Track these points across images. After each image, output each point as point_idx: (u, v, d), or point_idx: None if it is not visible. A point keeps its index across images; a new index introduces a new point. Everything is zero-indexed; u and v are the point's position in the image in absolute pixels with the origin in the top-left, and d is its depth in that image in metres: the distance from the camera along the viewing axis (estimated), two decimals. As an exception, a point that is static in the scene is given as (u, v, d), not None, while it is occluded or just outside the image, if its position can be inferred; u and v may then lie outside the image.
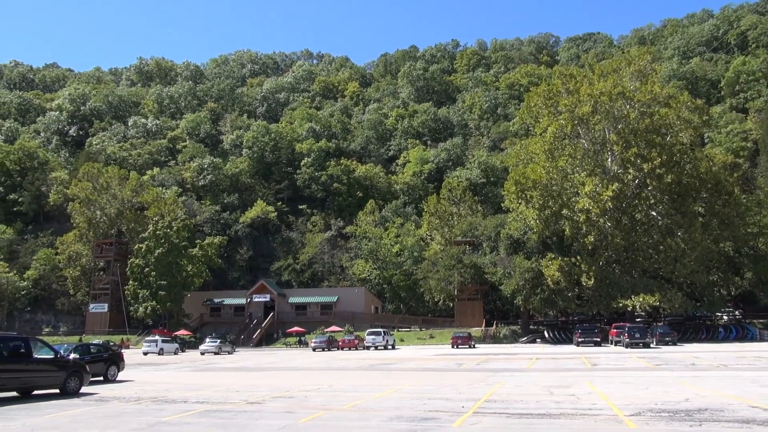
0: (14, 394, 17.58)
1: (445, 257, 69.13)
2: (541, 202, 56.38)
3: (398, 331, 69.23)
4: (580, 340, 48.84)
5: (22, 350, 17.56)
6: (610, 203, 52.90)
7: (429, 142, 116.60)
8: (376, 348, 54.03)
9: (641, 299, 53.00)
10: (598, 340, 49.13)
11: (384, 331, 56.02)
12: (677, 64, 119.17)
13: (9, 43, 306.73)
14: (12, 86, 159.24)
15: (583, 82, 58.36)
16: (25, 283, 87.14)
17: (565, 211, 56.23)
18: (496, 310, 76.14)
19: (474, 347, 51.84)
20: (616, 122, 55.85)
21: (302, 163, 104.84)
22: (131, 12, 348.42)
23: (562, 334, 60.94)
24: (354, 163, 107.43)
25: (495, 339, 62.49)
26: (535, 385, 18.89)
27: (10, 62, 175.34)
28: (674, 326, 56.00)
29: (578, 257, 56.03)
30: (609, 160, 57.47)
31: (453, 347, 51.55)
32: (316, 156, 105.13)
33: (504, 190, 64.33)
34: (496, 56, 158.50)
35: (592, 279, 54.08)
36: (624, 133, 55.10)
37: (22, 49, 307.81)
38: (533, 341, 60.65)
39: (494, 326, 66.48)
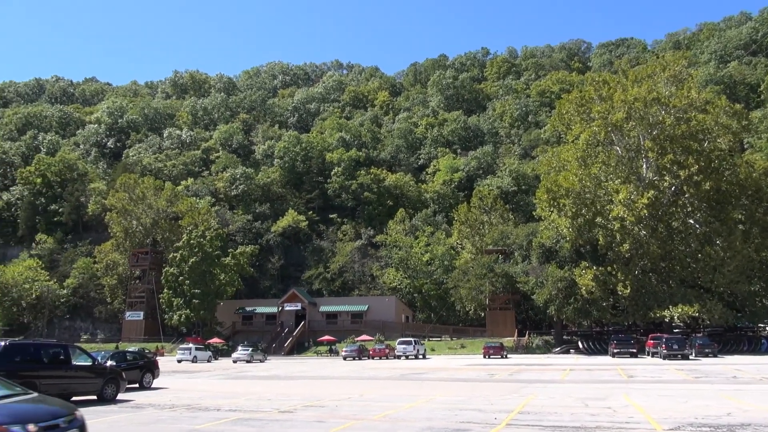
0: (54, 399, 18.00)
1: (476, 266, 68.57)
2: (573, 210, 55.52)
3: (429, 340, 68.84)
4: (615, 351, 47.76)
5: (61, 357, 18.03)
6: (645, 211, 51.75)
7: (459, 151, 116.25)
8: (407, 357, 53.78)
9: (680, 310, 51.59)
10: (635, 351, 47.97)
11: (415, 341, 55.75)
12: (714, 69, 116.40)
13: (51, 58, 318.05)
14: (53, 100, 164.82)
15: (616, 89, 57.44)
16: (65, 291, 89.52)
17: (598, 220, 55.26)
18: (528, 320, 75.09)
19: (506, 357, 51.19)
20: (651, 128, 54.74)
21: (333, 173, 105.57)
22: (166, 27, 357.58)
23: (596, 345, 59.69)
24: (384, 172, 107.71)
25: (527, 349, 61.61)
26: (570, 396, 18.53)
27: (52, 77, 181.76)
28: (714, 337, 54.30)
29: (613, 266, 54.91)
30: (644, 167, 56.33)
31: (485, 357, 50.99)
32: (347, 165, 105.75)
33: (536, 199, 63.59)
34: (527, 63, 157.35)
35: (628, 288, 52.91)
36: (659, 139, 53.96)
37: (63, 65, 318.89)
38: (567, 352, 59.56)
39: (527, 336, 65.55)
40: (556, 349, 60.62)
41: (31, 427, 8.16)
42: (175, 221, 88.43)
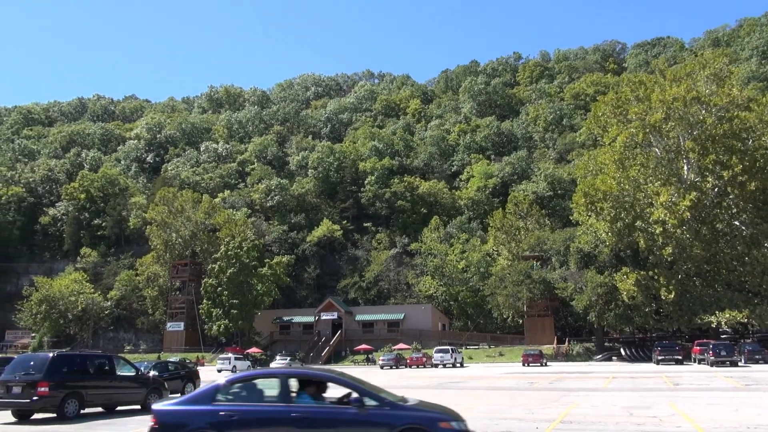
0: (100, 409, 18.43)
1: (513, 273, 67.75)
2: (612, 214, 54.38)
3: (466, 348, 68.20)
4: (660, 357, 46.43)
5: (106, 368, 18.46)
6: (687, 213, 50.31)
7: (493, 157, 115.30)
8: (444, 366, 53.34)
9: (727, 315, 49.89)
10: (680, 357, 46.55)
11: (452, 349, 55.28)
12: (756, 65, 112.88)
13: (92, 78, 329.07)
14: (95, 118, 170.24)
15: (653, 89, 56.16)
16: (109, 303, 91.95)
17: (638, 223, 53.96)
18: (567, 327, 73.70)
19: (546, 365, 50.32)
20: (691, 128, 53.30)
21: (366, 182, 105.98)
22: (201, 43, 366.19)
23: (639, 352, 58.17)
24: (417, 179, 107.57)
25: (567, 357, 60.45)
26: (613, 405, 18.05)
27: (94, 96, 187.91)
28: (764, 343, 52.27)
29: (655, 270, 53.50)
30: (685, 168, 54.82)
31: (524, 365, 50.24)
32: (380, 174, 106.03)
33: (572, 203, 62.57)
34: (560, 66, 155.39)
35: (671, 293, 51.44)
36: (701, 139, 52.49)
37: (104, 84, 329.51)
38: (609, 359, 58.20)
39: (566, 343, 64.35)
40: (598, 357, 59.31)
41: (462, 425, 8.65)
42: (213, 233, 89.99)
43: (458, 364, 54.16)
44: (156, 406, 9.43)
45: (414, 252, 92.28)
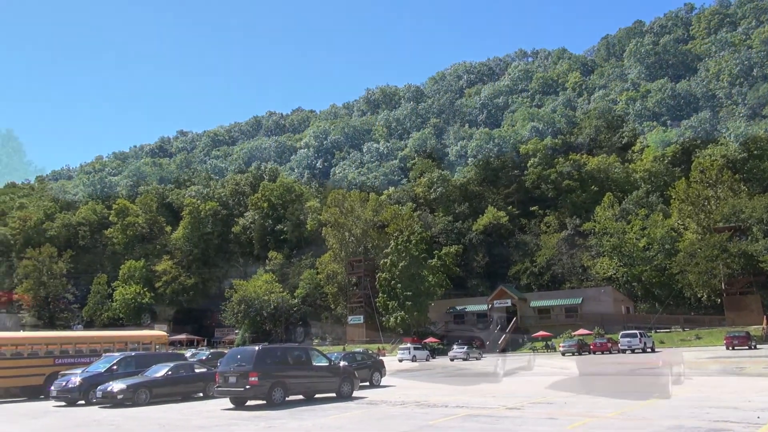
0: (300, 397, 20.11)
1: (705, 247, 61.33)
2: (828, 171, 46.58)
3: (656, 332, 63.00)
4: None
5: (303, 359, 20.19)
6: None
7: (669, 122, 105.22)
8: (632, 351, 49.96)
9: None
10: None
11: (640, 333, 51.65)
12: None
13: (264, 97, 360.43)
14: (269, 133, 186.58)
15: None
16: (296, 300, 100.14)
17: None
18: (779, 305, 64.80)
19: (755, 348, 44.80)
20: None
21: (528, 164, 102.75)
22: (356, 49, 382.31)
23: None
24: (584, 156, 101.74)
25: (782, 338, 53.08)
26: None
27: (267, 113, 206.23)
28: None
29: None
30: None
31: (727, 349, 45.23)
32: (543, 155, 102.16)
33: (774, 163, 54.84)
34: (743, 10, 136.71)
35: None
36: None
37: (274, 101, 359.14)
38: (838, 340, 50.04)
39: (779, 323, 56.52)
40: (822, 338, 51.32)
41: None
42: (382, 229, 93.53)
43: (648, 349, 50.45)
44: None
45: (587, 233, 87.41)
